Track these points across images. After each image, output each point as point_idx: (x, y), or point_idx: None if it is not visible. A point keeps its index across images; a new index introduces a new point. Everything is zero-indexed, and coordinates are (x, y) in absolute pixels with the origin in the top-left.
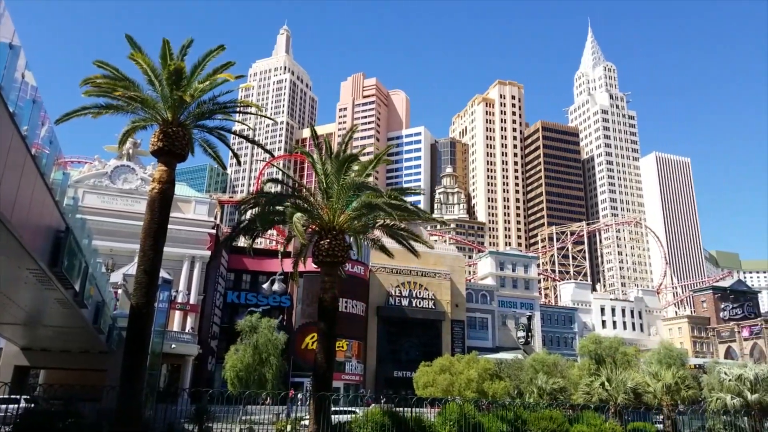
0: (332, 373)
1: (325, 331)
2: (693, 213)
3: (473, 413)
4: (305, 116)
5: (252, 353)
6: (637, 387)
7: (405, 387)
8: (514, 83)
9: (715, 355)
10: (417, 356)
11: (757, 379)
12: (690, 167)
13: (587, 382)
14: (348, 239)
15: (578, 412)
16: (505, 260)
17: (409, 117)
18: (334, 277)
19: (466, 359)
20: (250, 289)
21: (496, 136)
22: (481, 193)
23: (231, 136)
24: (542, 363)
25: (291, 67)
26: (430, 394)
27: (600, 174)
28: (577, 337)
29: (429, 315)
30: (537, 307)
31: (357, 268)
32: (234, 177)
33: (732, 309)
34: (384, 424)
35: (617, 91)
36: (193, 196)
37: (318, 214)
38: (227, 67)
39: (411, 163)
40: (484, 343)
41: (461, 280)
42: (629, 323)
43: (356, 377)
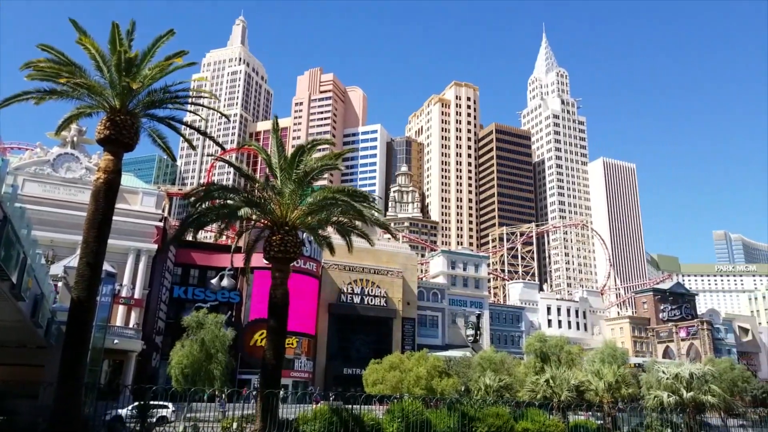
0: (281, 371)
1: (275, 327)
2: (637, 217)
3: (421, 410)
4: (260, 109)
5: (199, 349)
6: (580, 385)
7: (354, 384)
8: (470, 85)
9: (654, 354)
10: (367, 353)
11: (693, 377)
12: (635, 173)
13: (533, 379)
14: (301, 235)
15: (523, 409)
16: (456, 259)
17: (365, 114)
18: (285, 273)
19: (416, 357)
20: (198, 285)
21: (451, 136)
22: (435, 193)
23: (182, 126)
24: (490, 361)
25: (246, 58)
26: (380, 391)
27: (550, 177)
28: (524, 335)
29: (380, 313)
30: (486, 306)
31: (309, 264)
32: (184, 169)
33: (671, 310)
34: (332, 422)
35: (569, 97)
36: (140, 187)
37: (270, 209)
38: (180, 55)
39: (366, 161)
40: (434, 341)
41: (413, 279)
42: (574, 323)
43: (305, 374)
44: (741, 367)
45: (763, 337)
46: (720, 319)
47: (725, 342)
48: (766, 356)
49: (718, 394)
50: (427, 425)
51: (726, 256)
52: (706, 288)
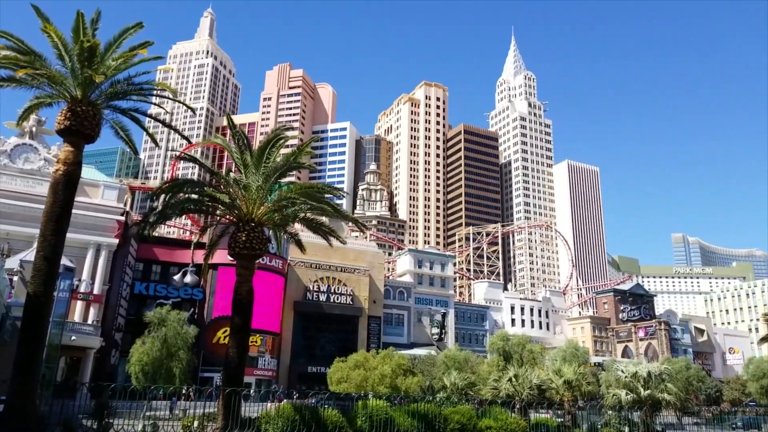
0: (244, 369)
1: (238, 325)
2: (599, 219)
3: (385, 409)
4: (227, 103)
5: (160, 347)
6: (542, 383)
7: (319, 382)
8: (439, 85)
9: (614, 353)
10: (332, 352)
11: (650, 376)
12: (598, 176)
13: (496, 378)
14: (267, 232)
15: (486, 407)
16: (423, 258)
17: (335, 111)
18: (250, 270)
19: (381, 355)
20: (160, 281)
21: (420, 135)
22: (404, 192)
23: (146, 119)
24: (454, 359)
25: (214, 51)
26: (344, 389)
27: (516, 178)
28: (488, 334)
29: (346, 311)
30: (451, 305)
31: (275, 262)
32: (147, 162)
33: (630, 311)
34: (294, 420)
35: (536, 100)
36: (101, 180)
37: (236, 204)
38: (145, 46)
39: (335, 158)
40: (400, 339)
41: (380, 277)
42: (537, 322)
43: (269, 372)
44: (696, 367)
45: (718, 337)
46: (677, 320)
47: (682, 342)
48: (720, 356)
49: (674, 392)
50: (391, 423)
51: (684, 258)
52: (665, 289)
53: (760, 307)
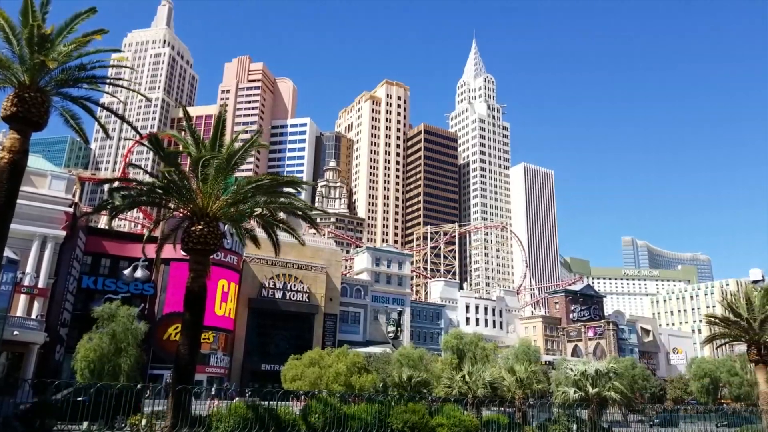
0: (195, 366)
1: (191, 321)
2: (552, 221)
3: (339, 406)
4: (184, 95)
5: (108, 343)
6: (494, 381)
7: (273, 380)
8: (401, 84)
9: (564, 352)
10: (287, 349)
11: (598, 374)
12: (553, 179)
13: (449, 375)
14: (222, 227)
15: (439, 405)
16: (381, 256)
17: (295, 107)
18: (204, 265)
19: (336, 353)
20: (110, 275)
21: (381, 134)
22: (363, 190)
23: (98, 108)
24: (408, 357)
25: (171, 41)
26: (298, 387)
27: (474, 179)
28: (443, 332)
29: (302, 308)
30: (408, 303)
31: (230, 257)
32: (99, 153)
33: (580, 311)
34: (247, 418)
35: (495, 103)
36: (49, 170)
37: (191, 198)
38: (100, 33)
39: (294, 154)
40: (355, 337)
41: (337, 274)
42: (490, 321)
43: (221, 370)
44: (642, 366)
45: (663, 338)
46: (625, 321)
47: (628, 342)
48: (664, 356)
49: (620, 390)
50: (345, 421)
51: (632, 261)
52: (614, 290)
53: (702, 309)
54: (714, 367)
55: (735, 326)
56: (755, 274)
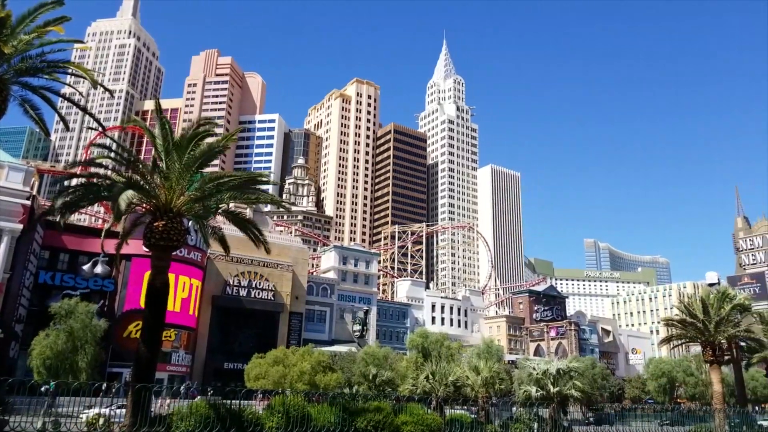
0: (156, 364)
1: (152, 319)
2: (518, 222)
3: (302, 405)
4: (149, 87)
5: (65, 340)
6: (458, 380)
7: (236, 379)
8: (371, 83)
9: (527, 352)
10: (251, 348)
11: (559, 374)
12: (519, 181)
13: (414, 374)
14: (186, 223)
15: (404, 404)
16: (348, 255)
17: (264, 102)
18: (166, 262)
19: (301, 351)
20: (68, 270)
21: (350, 132)
22: (331, 188)
23: (59, 99)
24: (374, 356)
25: (137, 32)
26: (262, 386)
27: (442, 180)
28: (408, 331)
29: (267, 306)
30: (374, 302)
31: (194, 254)
32: (59, 144)
33: (543, 311)
34: (208, 417)
35: (464, 104)
36: (6, 161)
37: (155, 193)
38: (61, 21)
39: (262, 150)
40: (321, 336)
41: (304, 273)
42: (456, 320)
43: (183, 368)
44: (601, 366)
45: (622, 338)
46: (586, 321)
47: (589, 342)
48: (623, 356)
49: (580, 389)
50: (308, 420)
51: (594, 262)
52: (576, 291)
53: (661, 310)
54: (671, 367)
55: (691, 328)
56: (711, 277)
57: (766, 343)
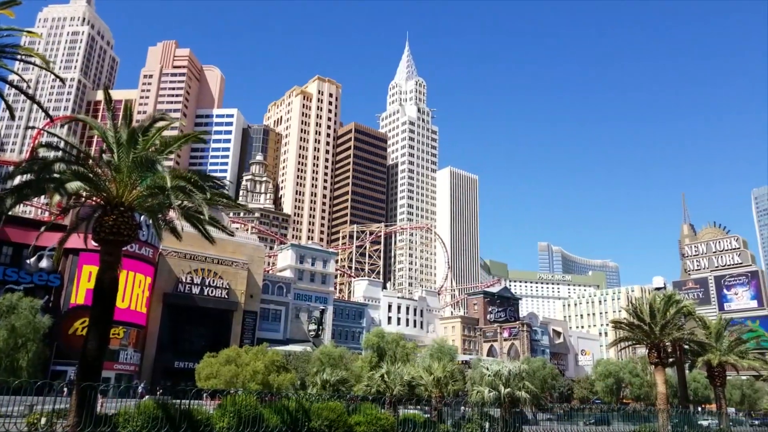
0: (102, 362)
1: (99, 316)
2: (475, 224)
3: (254, 405)
4: (103, 77)
5: (7, 336)
6: (412, 380)
7: (187, 378)
8: (333, 81)
9: (480, 352)
10: (203, 347)
11: (511, 374)
12: (477, 184)
13: (369, 374)
14: (138, 218)
15: (357, 404)
16: (305, 254)
17: (222, 97)
18: (116, 257)
19: (254, 351)
20: (11, 264)
21: (311, 130)
22: (290, 185)
23: (5, 86)
24: (329, 356)
25: (91, 19)
26: (213, 385)
27: (402, 181)
28: (365, 331)
29: (220, 304)
30: (331, 302)
31: (145, 250)
32: (5, 134)
33: (497, 312)
34: (156, 417)
35: (425, 106)
36: None
37: (105, 186)
38: (11, 5)
39: (219, 145)
40: (275, 335)
41: (259, 271)
42: (412, 320)
43: (131, 367)
44: (552, 367)
45: (572, 340)
46: (538, 323)
47: (541, 343)
48: (573, 357)
49: (531, 390)
50: (260, 420)
51: (547, 265)
52: (529, 293)
53: (609, 313)
54: (618, 368)
55: (638, 330)
56: (658, 281)
57: (708, 346)
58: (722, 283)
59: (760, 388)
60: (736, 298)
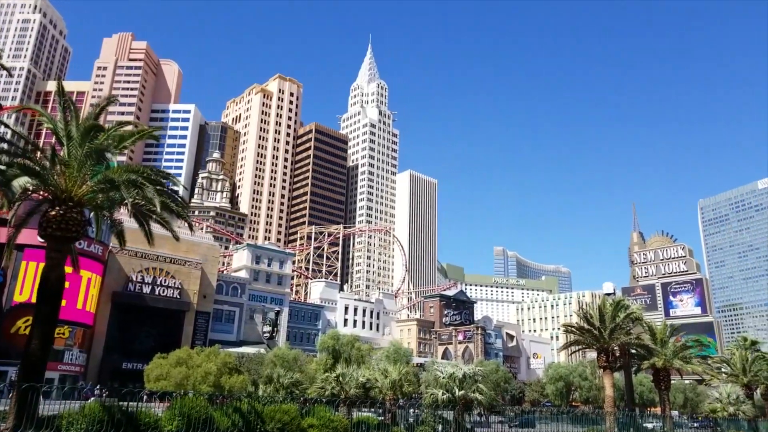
0: (46, 363)
1: (44, 314)
2: (433, 228)
3: (205, 407)
4: (54, 67)
5: None
6: (367, 382)
7: (135, 380)
8: (294, 81)
9: (435, 355)
10: (153, 347)
11: (465, 377)
12: (436, 187)
13: (323, 376)
14: (88, 213)
15: (311, 406)
16: (262, 254)
17: (179, 92)
18: (63, 254)
19: (206, 352)
20: None
21: (270, 129)
22: (247, 184)
23: None
24: (283, 358)
25: (43, 7)
26: (163, 387)
27: (362, 183)
28: (320, 333)
29: (172, 304)
30: (287, 303)
31: (94, 247)
32: None
33: (453, 315)
34: (102, 420)
35: (386, 109)
36: None
37: (53, 180)
38: None
39: (175, 141)
40: (229, 337)
41: (213, 271)
42: (368, 323)
43: (77, 368)
44: (504, 370)
45: (525, 343)
46: (492, 326)
47: (494, 346)
48: (525, 360)
49: (485, 392)
50: (211, 422)
51: (502, 269)
52: (484, 297)
53: (561, 317)
54: (568, 371)
55: (588, 334)
56: (608, 287)
57: (654, 351)
58: (668, 290)
59: (701, 391)
60: (681, 304)
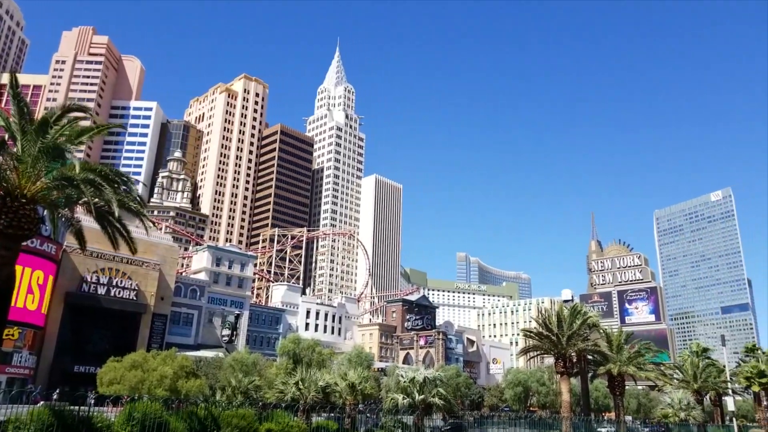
0: None
1: None
2: (397, 232)
3: (160, 411)
4: (9, 59)
5: None
6: (327, 387)
7: (88, 384)
8: (260, 81)
9: (397, 360)
10: (106, 350)
11: (425, 382)
12: (401, 192)
13: (283, 381)
14: (41, 211)
15: (270, 411)
16: (222, 256)
17: (141, 89)
18: (14, 252)
19: (163, 356)
20: None
21: (235, 129)
22: (209, 185)
23: None
24: (242, 362)
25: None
26: (116, 391)
27: (326, 186)
28: (281, 337)
29: (127, 306)
30: (247, 306)
31: (47, 246)
32: None
33: (414, 320)
34: (51, 425)
35: (353, 113)
36: None
37: (5, 176)
38: None
39: (135, 139)
40: (186, 340)
41: (172, 272)
42: (330, 327)
43: (26, 370)
44: (465, 375)
45: (485, 348)
46: (453, 331)
47: (455, 351)
48: (485, 365)
49: (444, 397)
50: (165, 427)
51: (465, 275)
52: (446, 302)
53: (521, 323)
54: (526, 377)
55: (546, 340)
56: (566, 294)
57: (610, 357)
58: (624, 298)
59: (654, 397)
60: (636, 312)
